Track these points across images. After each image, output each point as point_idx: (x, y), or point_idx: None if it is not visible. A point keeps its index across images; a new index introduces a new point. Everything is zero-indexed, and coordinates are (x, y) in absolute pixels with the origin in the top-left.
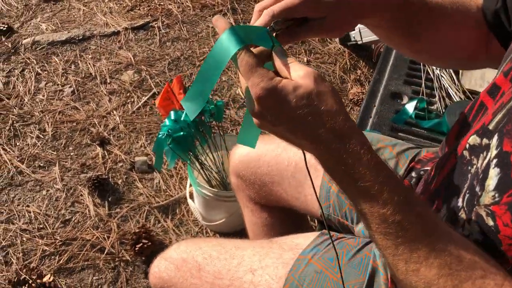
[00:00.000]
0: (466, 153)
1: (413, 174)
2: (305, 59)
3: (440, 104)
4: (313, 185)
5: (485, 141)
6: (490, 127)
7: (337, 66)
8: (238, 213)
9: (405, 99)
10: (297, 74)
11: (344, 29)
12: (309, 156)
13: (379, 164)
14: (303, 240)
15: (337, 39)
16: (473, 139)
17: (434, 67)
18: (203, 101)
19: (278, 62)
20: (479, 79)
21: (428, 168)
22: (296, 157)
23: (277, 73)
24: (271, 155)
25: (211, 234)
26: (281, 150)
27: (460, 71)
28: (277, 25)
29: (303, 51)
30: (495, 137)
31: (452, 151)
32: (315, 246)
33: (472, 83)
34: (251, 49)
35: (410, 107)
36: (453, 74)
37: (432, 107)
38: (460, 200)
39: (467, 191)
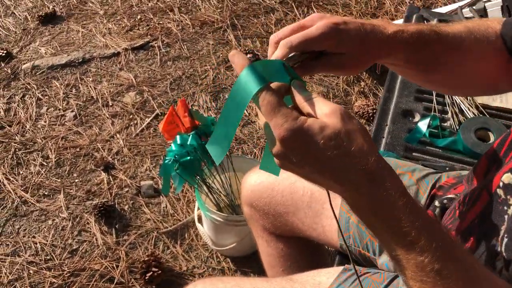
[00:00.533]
0: (500, 191)
1: (436, 203)
2: None
3: (454, 121)
4: (339, 227)
5: None
6: None
7: (340, 79)
8: (249, 237)
9: (417, 117)
10: (322, 111)
11: (359, 68)
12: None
13: (415, 208)
14: (326, 277)
15: None
16: (507, 177)
17: None
18: (228, 143)
19: (298, 97)
20: None
21: (451, 195)
22: (311, 186)
23: (297, 109)
24: (285, 183)
25: (222, 259)
26: (295, 178)
27: None
28: (291, 61)
29: None
30: None
31: (483, 187)
32: (339, 285)
33: (485, 97)
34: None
35: (423, 125)
36: None
37: (445, 124)
38: (498, 244)
39: (505, 235)
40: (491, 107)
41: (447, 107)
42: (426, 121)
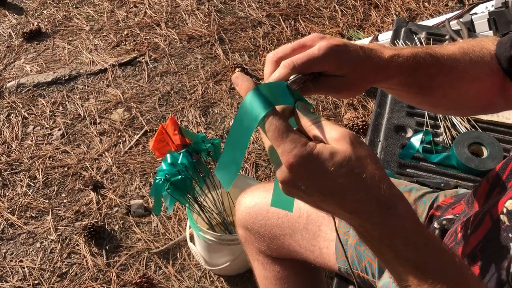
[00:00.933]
0: (504, 218)
1: (435, 224)
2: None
3: (446, 136)
4: (342, 247)
5: None
6: None
7: None
8: (243, 256)
9: (410, 132)
10: (330, 136)
11: (355, 92)
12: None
13: (427, 236)
14: None
15: None
16: (511, 204)
17: None
18: (236, 168)
19: (304, 120)
20: None
21: (450, 216)
22: (307, 207)
23: (303, 131)
24: None
25: (215, 278)
26: None
27: None
28: (295, 83)
29: None
30: None
31: (486, 212)
32: None
33: None
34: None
35: (416, 140)
36: None
37: (438, 139)
38: (504, 272)
39: None
40: (482, 121)
41: (439, 122)
42: (419, 136)
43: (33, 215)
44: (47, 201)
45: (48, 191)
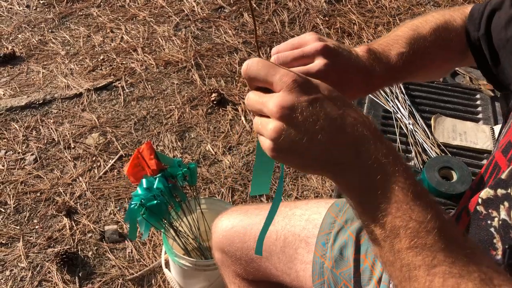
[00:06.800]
0: (480, 208)
1: None
2: None
3: (417, 160)
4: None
5: (500, 191)
6: (503, 176)
7: None
8: (219, 281)
9: None
10: None
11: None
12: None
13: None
14: None
15: None
16: (486, 193)
17: (407, 123)
18: (268, 183)
19: None
20: (451, 132)
21: None
22: (284, 230)
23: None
24: (257, 228)
25: None
26: None
27: (432, 125)
28: None
29: None
30: None
31: (461, 210)
32: None
33: (445, 136)
34: None
35: None
36: (426, 129)
37: (410, 164)
38: (500, 257)
39: (506, 246)
40: (451, 146)
41: (411, 147)
42: None
43: (3, 242)
44: (18, 227)
45: (19, 217)
